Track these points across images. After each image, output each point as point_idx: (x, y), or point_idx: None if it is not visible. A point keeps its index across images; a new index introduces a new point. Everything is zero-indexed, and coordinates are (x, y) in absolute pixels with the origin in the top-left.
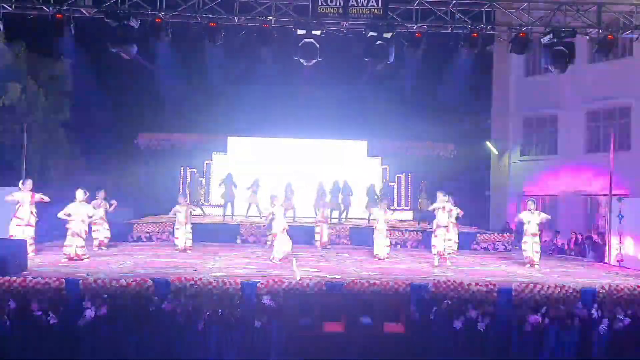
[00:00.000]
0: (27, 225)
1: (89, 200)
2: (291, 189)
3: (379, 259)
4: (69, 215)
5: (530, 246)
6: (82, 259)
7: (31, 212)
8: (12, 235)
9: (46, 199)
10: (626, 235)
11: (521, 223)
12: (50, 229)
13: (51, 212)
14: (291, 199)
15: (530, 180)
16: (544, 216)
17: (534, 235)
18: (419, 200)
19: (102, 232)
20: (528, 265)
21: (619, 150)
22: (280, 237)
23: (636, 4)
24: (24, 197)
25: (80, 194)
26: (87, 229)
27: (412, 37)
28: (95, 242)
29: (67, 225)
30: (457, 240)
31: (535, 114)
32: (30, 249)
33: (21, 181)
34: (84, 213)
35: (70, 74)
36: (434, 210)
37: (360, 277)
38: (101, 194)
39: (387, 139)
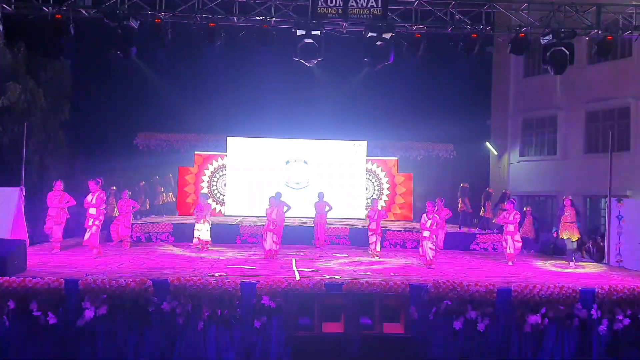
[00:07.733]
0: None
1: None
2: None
3: (378, 259)
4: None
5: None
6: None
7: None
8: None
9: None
10: (625, 235)
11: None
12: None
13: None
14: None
15: (530, 180)
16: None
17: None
18: (459, 202)
19: (124, 230)
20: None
21: (618, 151)
22: (266, 234)
23: (635, 4)
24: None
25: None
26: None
27: (411, 38)
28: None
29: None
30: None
31: (535, 114)
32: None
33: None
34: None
35: (70, 74)
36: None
37: (359, 278)
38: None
39: (387, 140)
